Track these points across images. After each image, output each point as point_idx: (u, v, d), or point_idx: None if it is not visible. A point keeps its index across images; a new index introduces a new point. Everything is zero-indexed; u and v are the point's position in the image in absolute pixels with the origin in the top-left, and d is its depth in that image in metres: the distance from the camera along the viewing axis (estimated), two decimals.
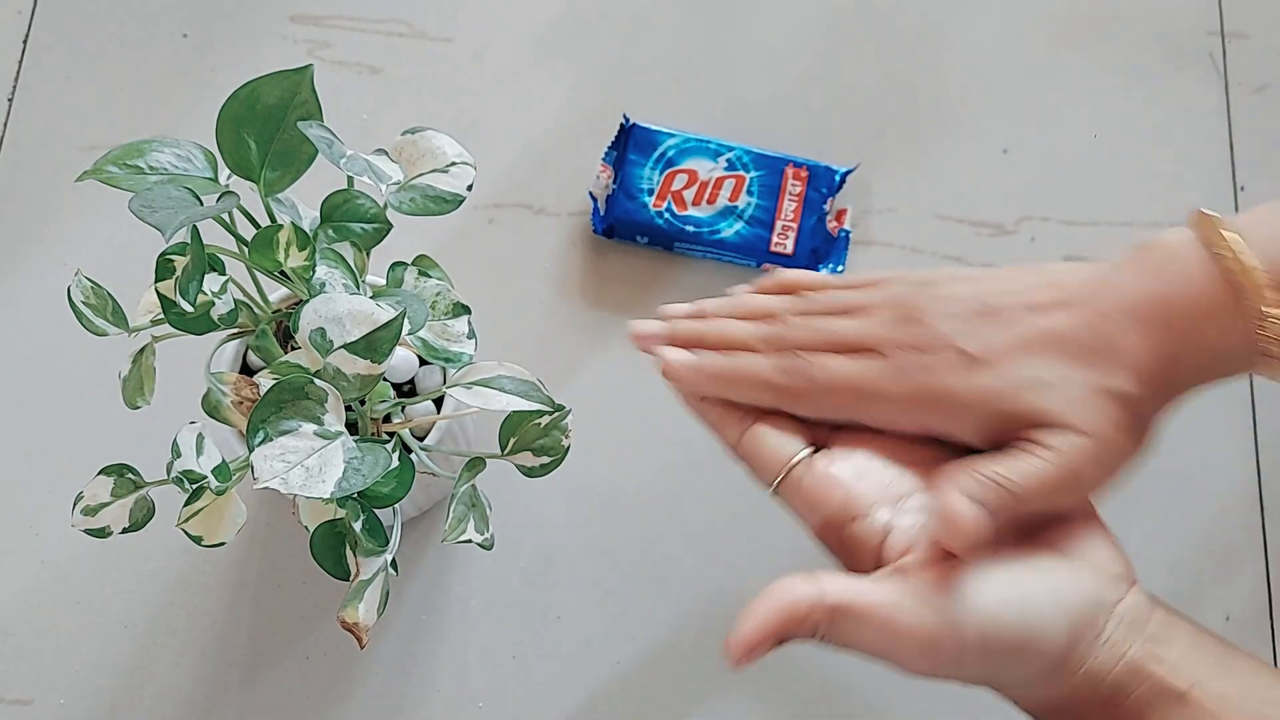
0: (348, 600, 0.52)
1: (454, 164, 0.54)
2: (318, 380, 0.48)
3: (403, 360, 0.64)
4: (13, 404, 0.74)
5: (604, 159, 0.77)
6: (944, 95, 0.81)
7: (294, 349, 0.57)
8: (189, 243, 0.48)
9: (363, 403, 0.55)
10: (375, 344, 0.47)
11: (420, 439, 0.61)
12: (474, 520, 0.56)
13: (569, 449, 0.57)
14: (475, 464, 0.56)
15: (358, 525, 0.52)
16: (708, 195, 0.76)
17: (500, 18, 0.82)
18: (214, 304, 0.50)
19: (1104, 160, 0.80)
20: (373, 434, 0.57)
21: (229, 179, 0.51)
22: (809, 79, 0.82)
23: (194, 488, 0.51)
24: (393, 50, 0.81)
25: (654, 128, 0.77)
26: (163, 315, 0.50)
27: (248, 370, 0.62)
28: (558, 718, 0.69)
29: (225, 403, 0.54)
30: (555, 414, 0.56)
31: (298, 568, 0.71)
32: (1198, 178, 0.80)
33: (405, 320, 0.48)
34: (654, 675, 0.70)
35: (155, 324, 0.54)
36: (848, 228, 0.77)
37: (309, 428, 0.48)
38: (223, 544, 0.52)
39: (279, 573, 0.71)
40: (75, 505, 0.54)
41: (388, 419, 0.60)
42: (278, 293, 0.58)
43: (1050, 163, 0.80)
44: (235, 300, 0.52)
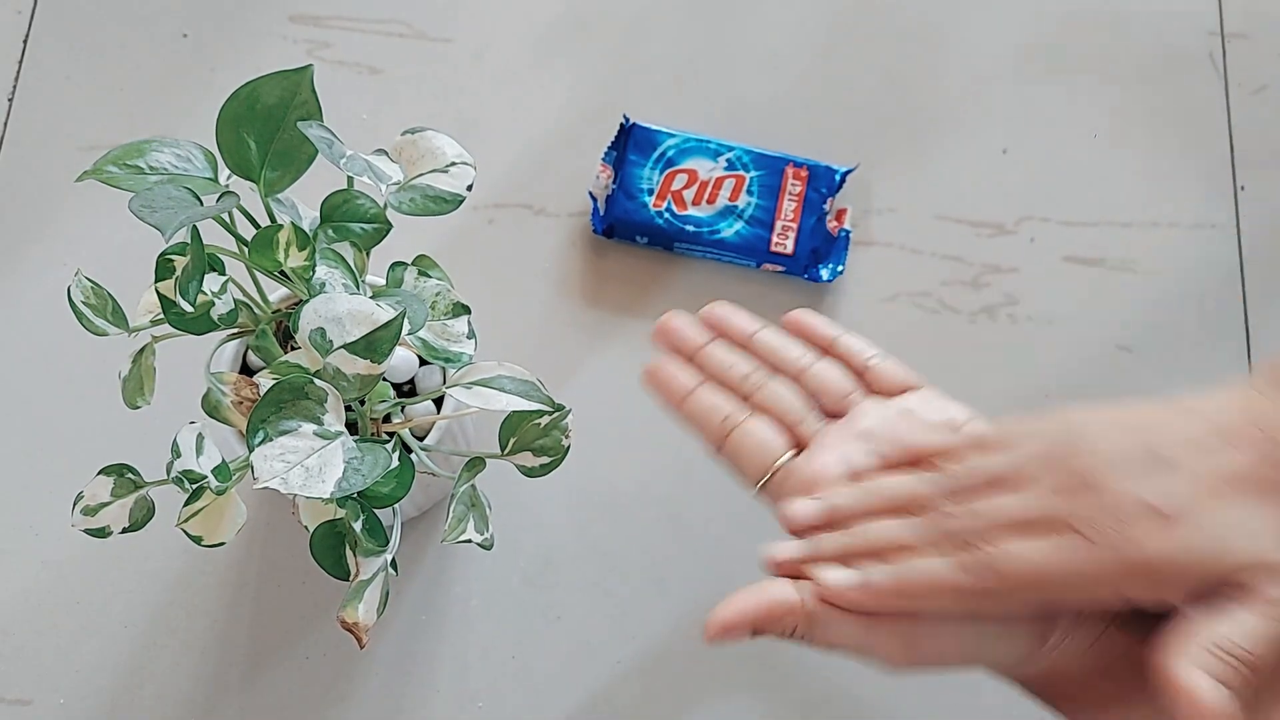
0: (347, 600, 0.52)
1: (454, 164, 0.54)
2: (318, 380, 0.48)
3: (403, 360, 0.64)
4: (13, 404, 0.74)
5: (604, 159, 0.77)
6: (944, 95, 0.81)
7: (294, 349, 0.57)
8: (189, 243, 0.48)
9: (363, 403, 0.55)
10: (375, 344, 0.47)
11: (420, 439, 0.61)
12: (474, 520, 0.56)
13: (569, 449, 0.57)
14: (475, 464, 0.56)
15: (358, 525, 0.52)
16: (708, 195, 0.76)
17: (500, 18, 0.82)
18: (214, 304, 0.50)
19: (1104, 160, 0.80)
20: (373, 434, 0.57)
21: (229, 179, 0.50)
22: (809, 79, 0.82)
23: (194, 488, 0.51)
24: (393, 50, 0.81)
25: (654, 128, 0.77)
26: (163, 315, 0.50)
27: (248, 370, 0.62)
28: (558, 718, 0.69)
29: (225, 403, 0.54)
30: (555, 414, 0.56)
31: (298, 568, 0.71)
32: (1198, 178, 0.80)
33: (405, 320, 0.48)
34: (654, 675, 0.70)
35: (155, 324, 0.54)
36: (848, 228, 0.77)
37: (309, 428, 0.48)
38: (223, 544, 0.52)
39: (279, 573, 0.71)
40: (75, 505, 0.54)
41: (388, 419, 0.60)
42: (278, 293, 0.58)
43: (1050, 163, 0.80)
44: (235, 300, 0.52)
